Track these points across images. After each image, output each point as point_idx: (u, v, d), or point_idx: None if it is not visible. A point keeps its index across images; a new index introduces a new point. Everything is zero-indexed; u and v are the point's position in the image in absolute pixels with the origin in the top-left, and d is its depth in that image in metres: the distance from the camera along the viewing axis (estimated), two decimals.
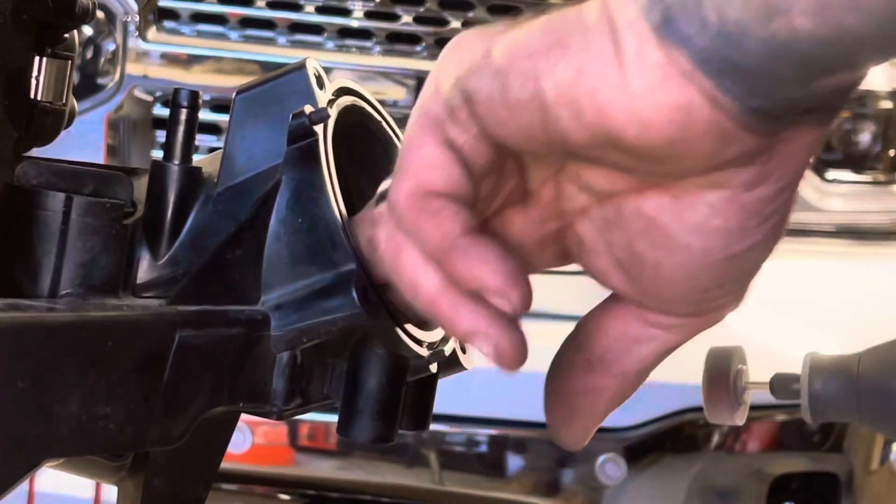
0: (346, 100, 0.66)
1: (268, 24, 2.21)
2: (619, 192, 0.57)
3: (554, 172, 0.59)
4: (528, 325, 0.60)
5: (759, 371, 2.41)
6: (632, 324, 0.60)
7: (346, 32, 2.23)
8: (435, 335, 0.65)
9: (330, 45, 2.22)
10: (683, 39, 0.51)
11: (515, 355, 0.56)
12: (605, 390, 0.61)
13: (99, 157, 2.16)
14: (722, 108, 0.51)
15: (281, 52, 2.20)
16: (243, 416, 0.66)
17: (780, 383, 0.59)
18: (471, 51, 0.56)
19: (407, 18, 2.23)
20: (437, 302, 0.56)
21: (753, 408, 2.40)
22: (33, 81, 0.65)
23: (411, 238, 0.57)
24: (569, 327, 0.63)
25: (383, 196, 0.58)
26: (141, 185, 0.64)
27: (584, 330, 0.62)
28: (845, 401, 0.59)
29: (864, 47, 0.49)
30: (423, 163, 0.56)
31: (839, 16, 0.47)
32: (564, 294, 1.50)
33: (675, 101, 0.51)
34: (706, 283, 0.57)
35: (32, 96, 0.65)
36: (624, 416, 2.14)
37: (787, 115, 0.52)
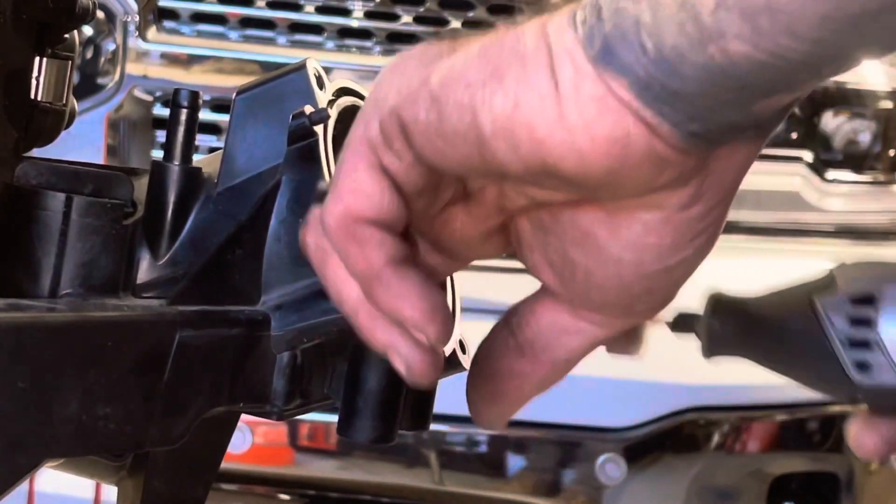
0: (346, 100, 0.66)
1: (268, 24, 2.21)
2: (557, 203, 0.58)
3: (495, 180, 0.59)
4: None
5: (761, 372, 2.39)
6: (562, 315, 0.61)
7: (346, 32, 2.23)
8: None
9: (330, 45, 2.22)
10: (623, 68, 0.50)
11: (425, 372, 0.57)
12: (531, 375, 0.62)
13: (99, 157, 2.16)
14: (660, 136, 0.51)
15: (281, 52, 2.20)
16: (243, 416, 0.66)
17: (681, 319, 0.60)
18: (409, 77, 0.55)
19: (407, 18, 2.23)
20: (358, 313, 0.57)
21: (754, 408, 2.39)
22: (33, 81, 0.65)
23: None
24: None
25: (321, 195, 0.58)
26: (141, 186, 0.64)
27: (517, 315, 0.62)
28: (741, 337, 0.60)
29: (802, 69, 0.49)
30: (354, 188, 0.56)
31: (774, 40, 0.47)
32: None
33: (611, 133, 0.51)
34: (635, 291, 0.58)
35: (32, 96, 0.65)
36: (624, 416, 2.14)
37: (724, 136, 0.53)
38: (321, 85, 0.65)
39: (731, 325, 0.59)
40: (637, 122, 0.51)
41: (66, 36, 0.67)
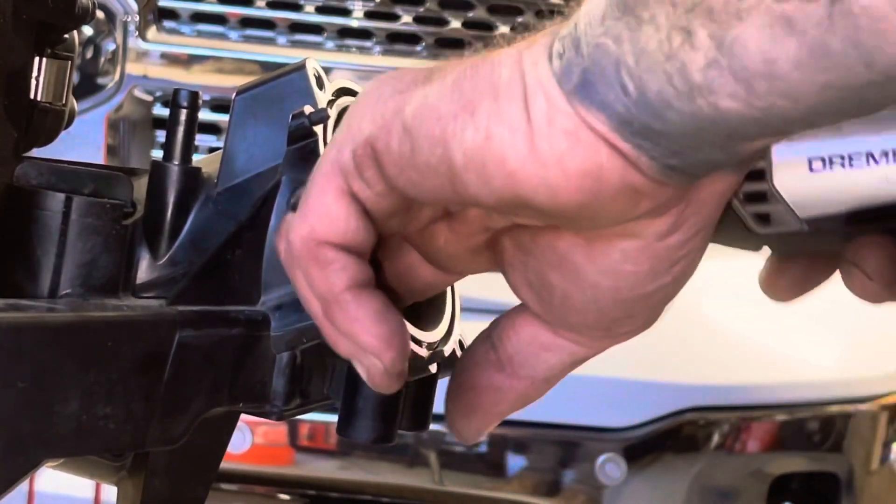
0: (346, 100, 0.66)
1: (268, 24, 2.21)
2: (535, 226, 0.57)
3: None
4: None
5: (761, 371, 2.40)
6: (543, 331, 0.61)
7: (346, 32, 2.23)
8: (434, 335, 0.65)
9: (330, 45, 2.22)
10: (602, 104, 0.50)
11: (385, 384, 0.58)
12: (509, 390, 0.62)
13: (99, 157, 2.16)
14: (636, 168, 0.50)
15: (281, 52, 2.20)
16: (243, 416, 0.66)
17: None
18: (384, 105, 0.55)
19: (407, 18, 2.22)
20: (322, 324, 0.58)
21: (754, 408, 2.38)
22: (33, 81, 0.65)
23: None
24: None
25: (295, 204, 0.58)
26: (141, 186, 0.64)
27: (498, 328, 0.62)
28: None
29: (797, 124, 0.48)
30: (321, 211, 0.56)
31: (770, 101, 0.46)
32: None
33: (583, 166, 0.50)
34: (614, 315, 0.58)
35: (32, 96, 0.65)
36: (624, 416, 2.13)
37: (704, 171, 0.52)
38: (321, 85, 0.65)
39: None
40: (612, 154, 0.50)
41: (66, 36, 0.67)
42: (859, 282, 0.60)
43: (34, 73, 0.65)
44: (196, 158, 0.65)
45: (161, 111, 2.18)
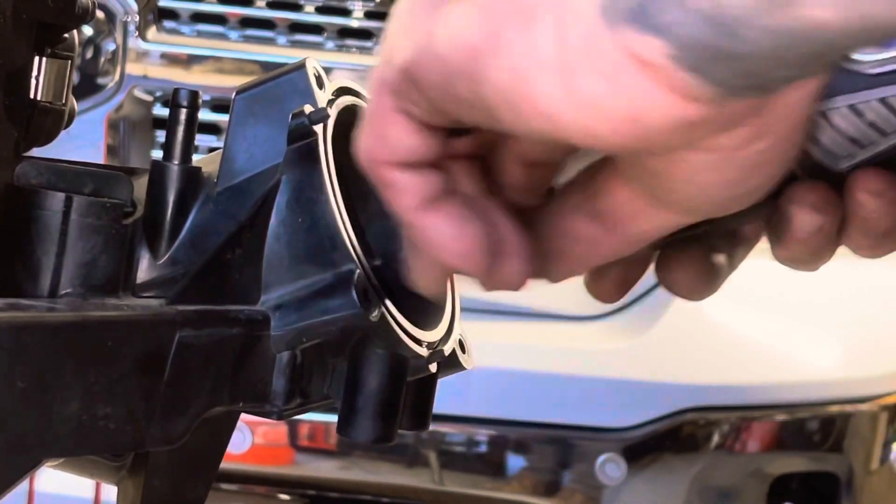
0: (346, 99, 0.66)
1: (268, 24, 2.21)
2: None
3: None
4: (524, 325, 0.60)
5: (761, 371, 2.40)
6: (638, 200, 0.56)
7: (346, 32, 2.23)
8: (435, 335, 0.65)
9: (330, 45, 2.22)
10: (659, 28, 0.44)
11: (495, 288, 0.56)
12: (603, 244, 0.58)
13: (99, 157, 2.16)
14: (692, 100, 0.46)
15: (281, 52, 2.20)
16: (243, 416, 0.66)
17: None
18: (415, 28, 0.52)
19: None
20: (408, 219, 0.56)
21: (754, 408, 2.39)
22: (33, 81, 0.65)
23: None
24: (563, 327, 0.62)
25: None
26: (141, 185, 0.64)
27: (595, 181, 0.58)
28: None
29: (888, 34, 0.43)
30: (372, 132, 0.55)
31: (865, 5, 0.41)
32: (558, 294, 1.49)
33: (623, 112, 0.46)
34: (710, 208, 0.54)
35: (32, 96, 0.65)
36: (624, 416, 2.14)
37: (779, 87, 0.47)
38: (321, 84, 0.65)
39: None
40: (657, 91, 0.45)
41: (66, 36, 0.67)
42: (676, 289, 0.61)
43: (34, 73, 0.65)
44: (196, 158, 0.65)
45: (161, 111, 2.18)
